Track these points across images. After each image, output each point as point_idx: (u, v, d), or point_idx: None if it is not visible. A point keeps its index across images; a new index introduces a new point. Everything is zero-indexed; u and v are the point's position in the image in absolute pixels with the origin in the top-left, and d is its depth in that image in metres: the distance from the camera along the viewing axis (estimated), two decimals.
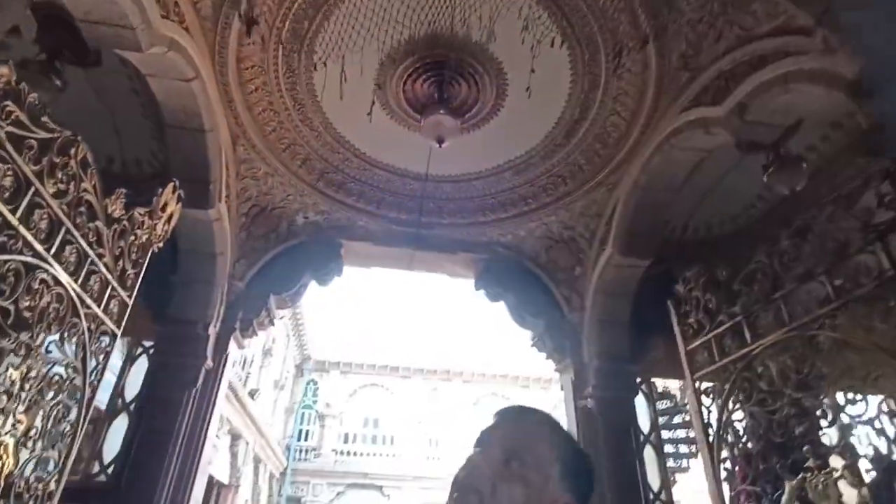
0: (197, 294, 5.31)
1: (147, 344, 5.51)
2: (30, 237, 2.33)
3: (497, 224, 6.43)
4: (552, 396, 24.03)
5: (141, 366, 5.41)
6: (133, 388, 5.31)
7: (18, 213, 2.25)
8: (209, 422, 5.15)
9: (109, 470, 4.86)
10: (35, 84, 2.72)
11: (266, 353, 17.73)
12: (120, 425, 5.13)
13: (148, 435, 4.77)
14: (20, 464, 2.46)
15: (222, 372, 5.40)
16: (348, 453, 22.04)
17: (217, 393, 5.31)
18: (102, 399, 5.90)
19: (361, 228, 6.34)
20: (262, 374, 17.49)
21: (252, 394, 15.27)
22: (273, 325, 6.32)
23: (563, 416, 6.30)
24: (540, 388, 24.30)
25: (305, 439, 22.34)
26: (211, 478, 11.87)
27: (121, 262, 3.24)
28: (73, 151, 2.60)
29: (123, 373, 5.38)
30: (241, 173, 5.44)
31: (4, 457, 2.33)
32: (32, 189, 2.33)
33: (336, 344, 24.34)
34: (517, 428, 0.88)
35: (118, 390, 5.32)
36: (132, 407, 5.10)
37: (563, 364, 6.37)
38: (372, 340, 25.20)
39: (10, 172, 2.17)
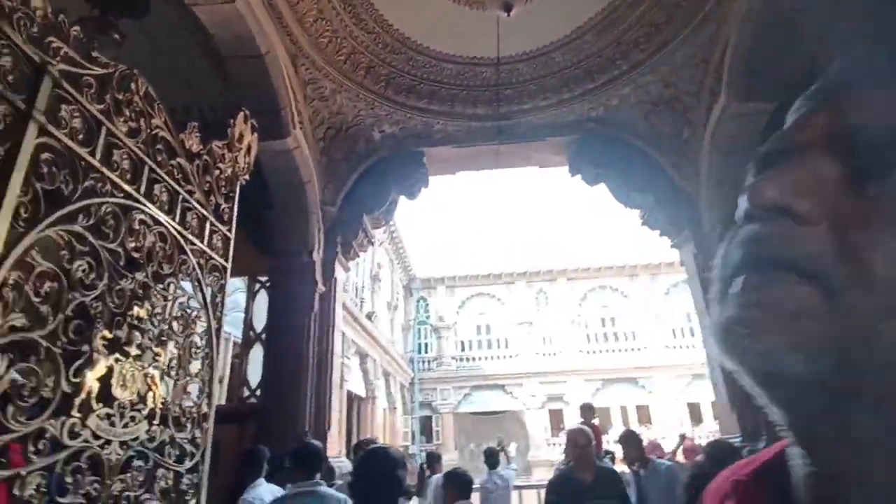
0: (294, 225, 5.41)
1: (262, 279, 5.83)
2: (116, 178, 2.31)
3: (585, 98, 5.79)
4: (661, 283, 23.16)
5: (262, 299, 5.78)
6: (260, 320, 5.71)
7: (98, 156, 2.22)
8: (332, 340, 5.43)
9: (257, 393, 5.35)
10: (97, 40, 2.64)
11: (374, 278, 18.64)
12: (257, 355, 5.59)
13: (282, 359, 5.12)
14: (170, 391, 2.64)
15: (335, 294, 5.59)
16: (467, 359, 23.27)
17: (334, 314, 5.54)
18: (238, 333, 6.44)
19: (439, 132, 6.02)
20: (375, 298, 18.53)
21: (369, 316, 16.29)
22: (372, 244, 6.38)
23: (689, 295, 5.88)
24: (649, 275, 23.46)
25: (426, 351, 23.83)
26: (350, 393, 13.09)
27: (212, 197, 3.24)
28: (134, 86, 2.51)
29: (248, 308, 5.78)
30: (308, 95, 5.27)
31: (153, 386, 2.49)
32: (104, 129, 2.27)
33: (438, 261, 25.03)
34: None
35: (248, 324, 5.75)
36: (263, 337, 5.50)
37: (680, 237, 5.84)
38: (472, 252, 25.59)
39: (76, 113, 2.11)
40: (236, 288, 7.23)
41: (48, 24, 2.00)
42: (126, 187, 2.39)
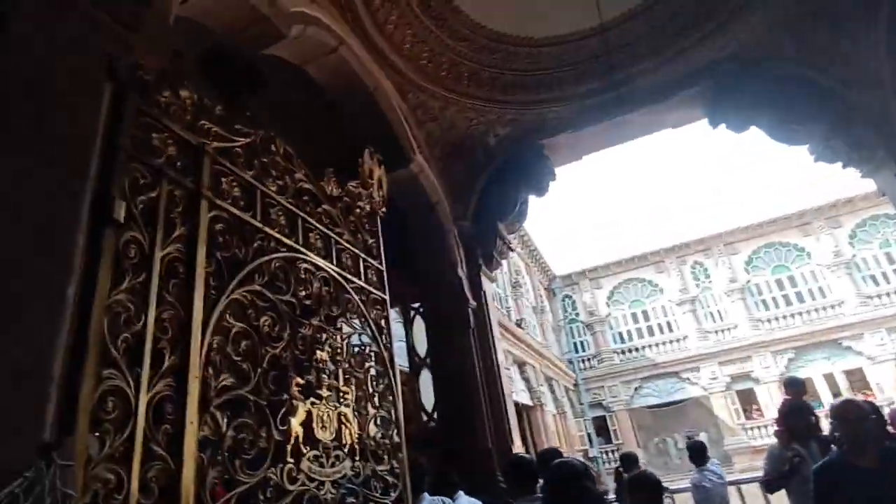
0: (434, 247, 5.49)
1: (415, 306, 5.98)
2: (277, 234, 2.46)
3: (711, 38, 5.13)
4: (843, 225, 19.77)
5: (419, 325, 5.93)
6: (420, 345, 5.85)
7: (259, 217, 2.38)
8: (495, 353, 5.35)
9: (435, 415, 5.44)
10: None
11: (514, 285, 18.51)
12: (425, 379, 5.71)
13: (451, 380, 5.15)
14: (363, 426, 2.72)
15: (487, 307, 5.54)
16: (628, 351, 21.94)
17: (491, 327, 5.48)
18: (402, 362, 6.66)
19: (554, 120, 5.75)
20: (520, 305, 18.36)
21: (519, 323, 16.14)
22: (512, 250, 6.25)
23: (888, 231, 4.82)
24: (824, 220, 20.17)
25: (582, 350, 22.95)
26: (517, 403, 12.98)
27: (359, 235, 3.36)
28: (274, 148, 2.68)
29: (408, 335, 5.96)
30: (419, 119, 5.36)
31: (347, 424, 2.58)
32: (259, 192, 2.44)
33: (575, 255, 24.18)
34: None
35: (411, 350, 5.92)
36: (428, 360, 5.60)
37: (872, 163, 4.84)
38: (610, 238, 24.34)
39: (234, 183, 2.28)
40: (392, 319, 7.51)
41: (198, 108, 2.19)
42: (287, 241, 2.53)
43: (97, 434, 1.41)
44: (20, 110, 1.38)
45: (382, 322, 3.24)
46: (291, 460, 2.12)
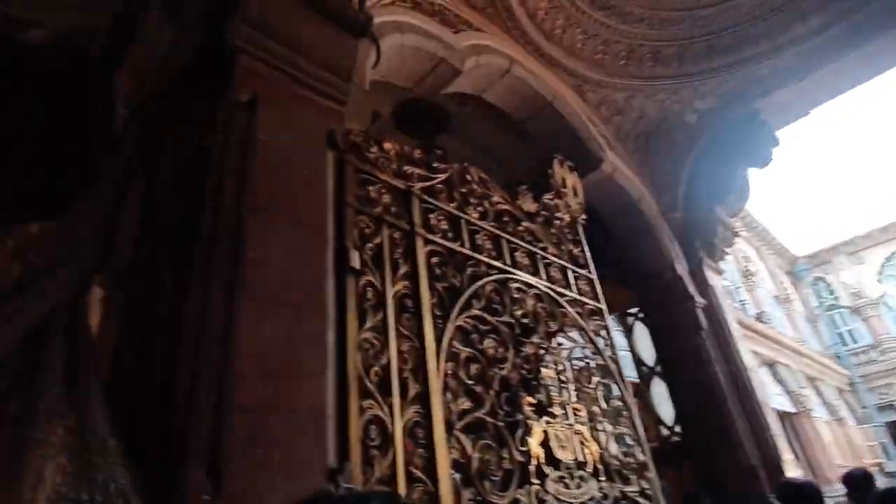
0: (643, 247, 5.08)
1: (633, 311, 5.59)
2: (485, 258, 2.53)
3: None
4: None
5: (640, 332, 5.50)
6: (647, 352, 5.41)
7: (467, 245, 2.48)
8: (737, 354, 4.66)
9: (677, 428, 4.93)
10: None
11: (745, 275, 16.12)
12: (658, 389, 5.24)
13: (690, 388, 4.63)
14: (602, 444, 2.58)
15: (719, 303, 4.89)
16: None
17: (727, 325, 4.80)
18: (630, 374, 6.24)
19: (768, 76, 4.90)
20: (758, 296, 15.87)
21: (759, 317, 13.93)
22: (737, 235, 5.43)
23: None
24: None
25: (852, 341, 18.70)
26: (775, 411, 11.09)
27: (563, 247, 3.28)
28: (470, 177, 2.80)
29: (631, 344, 5.57)
30: (605, 117, 5.09)
31: (587, 443, 2.47)
32: (463, 221, 2.55)
33: (816, 230, 20.12)
34: None
35: (637, 360, 5.52)
36: (658, 369, 5.14)
37: None
38: (860, 201, 19.69)
39: (440, 217, 2.43)
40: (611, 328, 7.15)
41: (401, 157, 2.40)
42: (495, 263, 2.59)
43: (367, 459, 1.57)
44: (278, 188, 1.66)
45: (603, 333, 3.08)
46: (537, 481, 2.10)
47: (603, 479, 2.43)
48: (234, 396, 1.29)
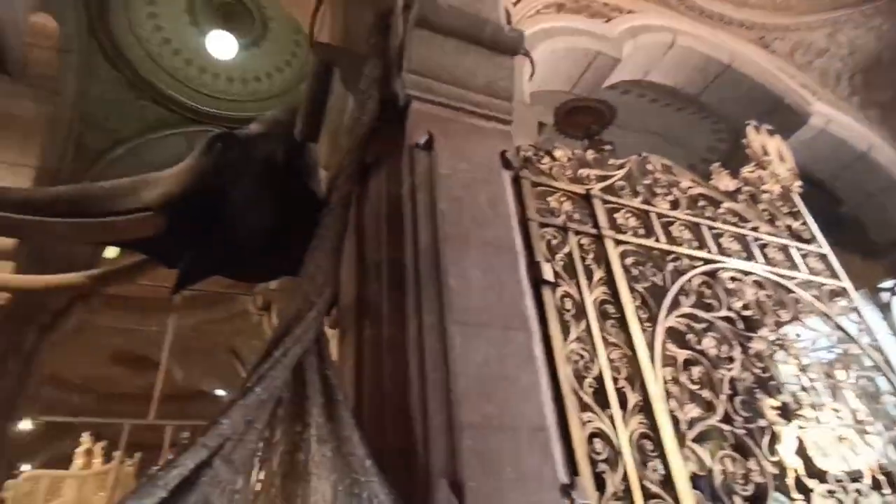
0: (890, 203, 4.14)
1: (886, 286, 4.58)
2: (685, 251, 2.31)
3: None
4: None
5: None
6: None
7: (662, 239, 2.30)
8: None
9: None
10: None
11: None
12: None
13: None
14: (879, 450, 2.11)
15: None
16: None
17: None
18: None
19: None
20: None
21: None
22: None
23: None
24: None
25: None
26: None
27: (778, 223, 2.84)
28: (650, 167, 2.61)
29: (892, 323, 4.53)
30: (802, 64, 4.34)
31: (854, 447, 2.04)
32: (653, 215, 2.37)
33: None
34: None
35: None
36: None
37: None
38: None
39: (628, 214, 2.29)
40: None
41: (574, 162, 2.35)
42: (698, 254, 2.34)
43: (598, 473, 1.52)
44: (464, 214, 1.75)
45: (853, 316, 2.55)
46: (800, 496, 1.79)
47: (888, 491, 1.97)
48: (460, 414, 1.36)
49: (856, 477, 1.99)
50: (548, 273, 1.85)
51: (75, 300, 3.76)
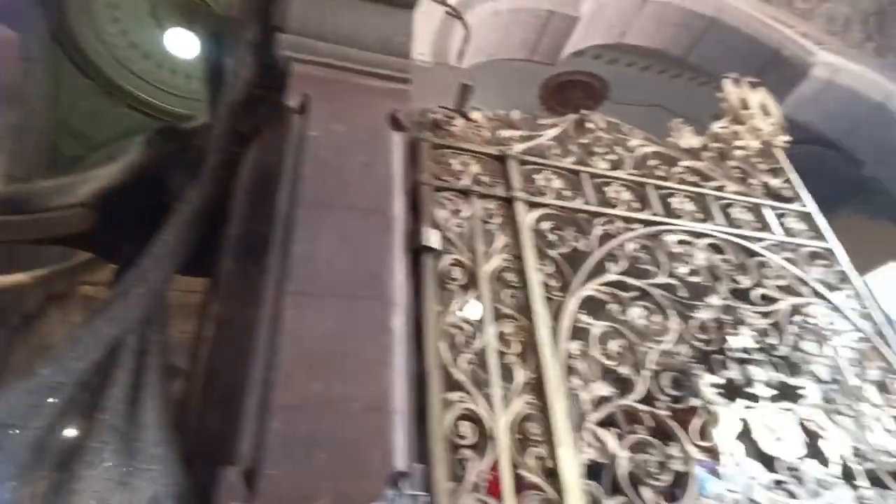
0: None
1: None
2: (621, 213, 2.05)
3: None
4: None
5: None
6: None
7: (592, 201, 2.05)
8: None
9: None
10: None
11: None
12: None
13: None
14: (858, 435, 1.77)
15: None
16: None
17: None
18: None
19: None
20: None
21: None
22: None
23: None
24: None
25: None
26: None
27: (753, 180, 2.51)
28: (592, 125, 2.35)
29: None
30: (805, 10, 3.90)
31: (822, 431, 1.72)
32: (585, 175, 2.13)
33: None
34: None
35: None
36: None
37: None
38: None
39: (551, 175, 2.06)
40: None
41: (496, 123, 2.14)
42: (639, 216, 2.08)
43: (459, 461, 1.31)
44: (329, 178, 1.58)
45: (833, 280, 2.20)
46: (734, 489, 1.51)
47: (862, 483, 1.65)
48: (277, 396, 1.19)
49: (822, 464, 1.68)
50: (432, 239, 1.65)
51: (49, 301, 3.85)
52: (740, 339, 1.88)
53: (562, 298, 1.71)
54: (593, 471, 1.43)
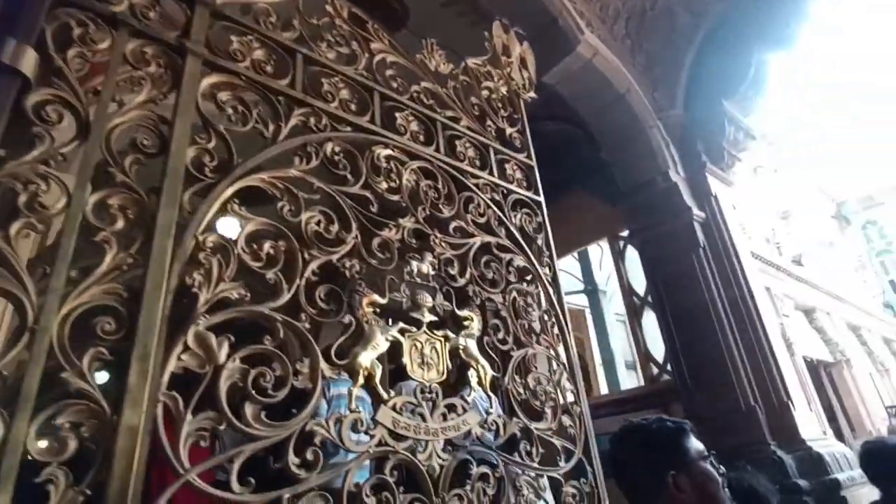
0: (631, 152, 4.21)
1: (623, 234, 4.80)
2: (333, 110, 1.80)
3: None
4: None
5: (633, 259, 4.70)
6: (639, 282, 4.63)
7: (298, 87, 1.75)
8: (745, 279, 3.82)
9: (668, 367, 4.20)
10: None
11: (784, 216, 14.70)
12: (650, 321, 4.49)
13: (680, 318, 3.85)
14: (501, 368, 1.88)
15: (723, 217, 4.01)
16: None
17: (733, 243, 3.94)
18: (620, 308, 5.48)
19: None
20: (795, 239, 14.50)
21: (797, 261, 12.70)
22: (753, 138, 4.44)
23: None
24: None
25: None
26: (809, 359, 10.11)
27: (489, 122, 2.50)
28: (332, 10, 2.03)
29: (621, 271, 4.80)
30: None
31: (473, 363, 1.78)
32: (300, 57, 1.81)
33: (867, 168, 18.22)
34: None
35: (627, 289, 4.75)
36: (650, 298, 4.37)
37: None
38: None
39: (256, 44, 1.69)
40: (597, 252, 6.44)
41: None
42: (350, 118, 1.85)
43: None
44: None
45: (530, 228, 2.33)
46: (359, 410, 1.43)
47: (494, 411, 1.74)
48: None
49: (456, 393, 1.73)
50: (24, 62, 1.17)
51: None
52: (422, 266, 1.82)
53: (214, 180, 1.39)
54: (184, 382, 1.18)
